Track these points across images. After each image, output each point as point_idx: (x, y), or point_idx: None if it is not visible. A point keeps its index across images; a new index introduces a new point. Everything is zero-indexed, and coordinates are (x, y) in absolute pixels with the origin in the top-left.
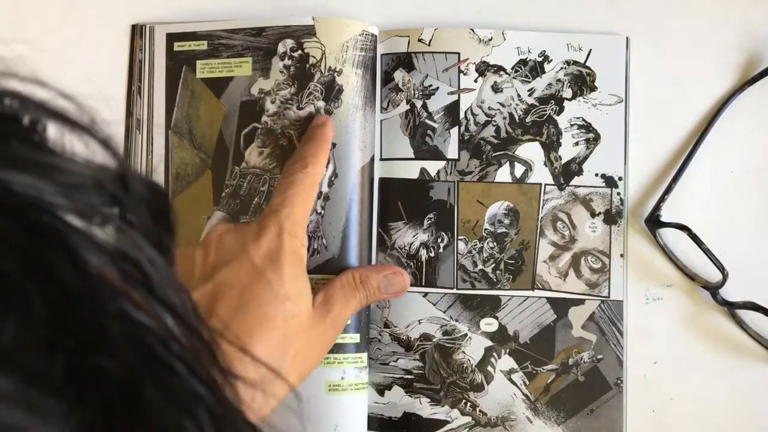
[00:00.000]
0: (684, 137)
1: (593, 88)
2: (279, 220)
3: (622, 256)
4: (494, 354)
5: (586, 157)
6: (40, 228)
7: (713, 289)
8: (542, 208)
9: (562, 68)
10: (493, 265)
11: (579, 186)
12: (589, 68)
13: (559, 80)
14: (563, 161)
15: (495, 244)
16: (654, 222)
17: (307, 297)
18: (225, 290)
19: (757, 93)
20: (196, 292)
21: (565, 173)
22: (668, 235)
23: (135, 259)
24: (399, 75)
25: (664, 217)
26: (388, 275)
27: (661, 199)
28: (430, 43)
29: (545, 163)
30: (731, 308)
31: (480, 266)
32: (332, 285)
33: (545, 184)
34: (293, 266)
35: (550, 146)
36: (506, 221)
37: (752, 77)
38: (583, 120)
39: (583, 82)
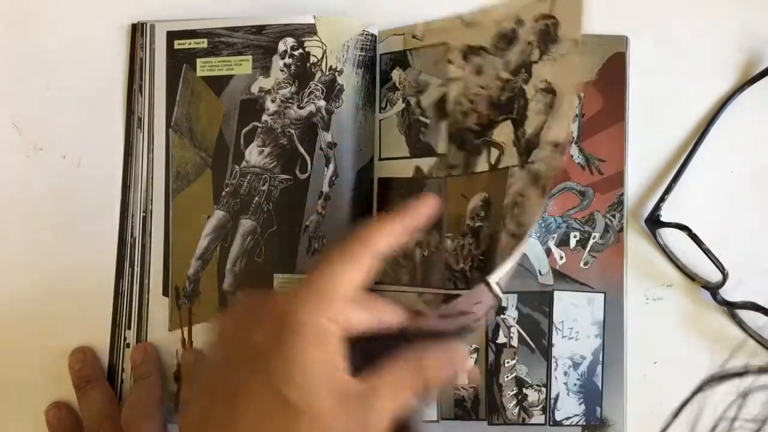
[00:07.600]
0: (684, 137)
1: (556, 39)
2: None
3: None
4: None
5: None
6: None
7: (713, 289)
8: (507, 193)
9: (532, 27)
10: (471, 262)
11: (536, 161)
12: (554, 17)
13: (529, 43)
14: (527, 136)
15: (473, 239)
16: (654, 222)
17: None
18: None
19: (757, 93)
20: None
21: (527, 148)
22: (668, 235)
23: None
24: (396, 74)
25: (664, 217)
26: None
27: (661, 199)
28: (422, 38)
29: (514, 143)
30: (731, 308)
31: (461, 264)
32: None
33: (511, 167)
34: None
35: (519, 123)
36: (482, 214)
37: (752, 77)
38: (546, 82)
39: (548, 36)
